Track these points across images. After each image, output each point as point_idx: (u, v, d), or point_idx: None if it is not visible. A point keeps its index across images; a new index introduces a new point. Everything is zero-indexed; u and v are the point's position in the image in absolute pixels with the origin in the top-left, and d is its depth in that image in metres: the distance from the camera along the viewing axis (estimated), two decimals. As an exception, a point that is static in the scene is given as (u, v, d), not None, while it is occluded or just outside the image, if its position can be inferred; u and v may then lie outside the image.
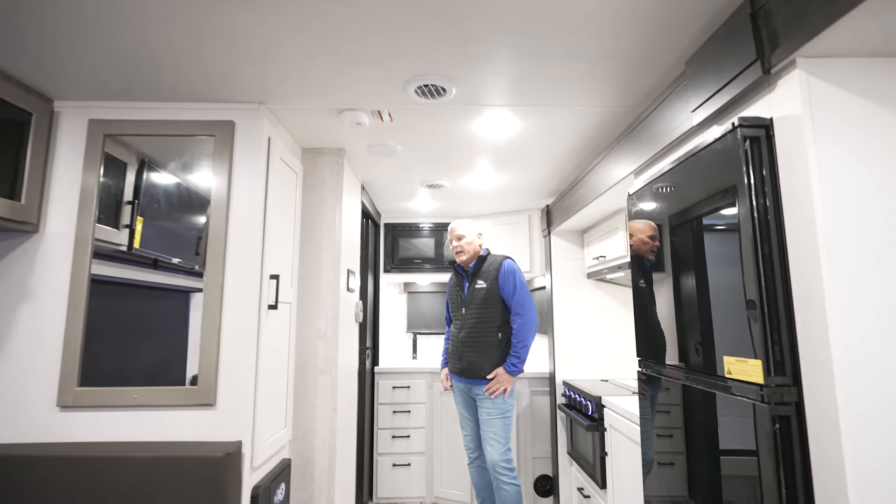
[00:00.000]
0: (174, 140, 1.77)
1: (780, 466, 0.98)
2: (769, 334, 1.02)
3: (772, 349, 1.02)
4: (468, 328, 2.44)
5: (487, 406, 2.37)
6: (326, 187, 2.17)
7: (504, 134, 2.02)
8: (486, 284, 2.43)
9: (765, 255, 1.04)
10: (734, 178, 1.10)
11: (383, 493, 3.23)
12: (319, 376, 2.05)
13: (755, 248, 1.04)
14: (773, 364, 1.01)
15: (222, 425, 1.54)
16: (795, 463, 0.98)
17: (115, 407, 1.55)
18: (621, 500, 2.01)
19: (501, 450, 2.32)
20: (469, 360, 2.41)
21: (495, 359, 2.37)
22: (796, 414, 0.99)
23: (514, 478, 2.32)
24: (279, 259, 1.83)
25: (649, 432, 1.59)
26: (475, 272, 2.48)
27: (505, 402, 2.36)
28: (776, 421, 0.99)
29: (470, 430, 2.52)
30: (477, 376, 2.39)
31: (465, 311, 2.47)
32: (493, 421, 2.35)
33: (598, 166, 2.10)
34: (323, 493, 2.00)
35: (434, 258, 3.62)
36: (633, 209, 1.65)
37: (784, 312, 1.02)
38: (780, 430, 0.99)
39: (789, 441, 0.99)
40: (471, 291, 2.48)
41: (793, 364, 1.01)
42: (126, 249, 1.79)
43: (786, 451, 0.99)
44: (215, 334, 1.58)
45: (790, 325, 1.01)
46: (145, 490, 1.42)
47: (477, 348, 2.40)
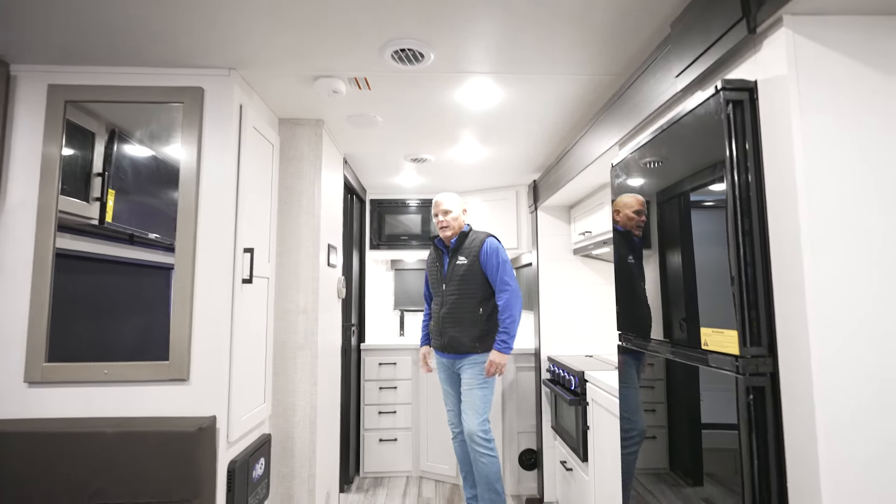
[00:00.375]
0: (143, 109, 1.69)
1: (754, 437, 0.97)
2: (745, 305, 1.00)
3: (748, 320, 0.99)
4: (449, 304, 2.42)
5: (467, 377, 2.39)
6: (305, 159, 2.10)
7: (487, 103, 1.96)
8: (468, 261, 2.41)
9: (744, 228, 1.01)
10: (716, 144, 1.06)
11: (370, 468, 3.26)
12: (299, 352, 2.02)
13: (735, 213, 1.01)
14: (749, 335, 0.99)
15: (196, 400, 1.51)
16: (769, 434, 0.97)
17: (86, 382, 1.51)
18: (602, 472, 2.02)
19: (479, 419, 2.33)
20: (451, 336, 2.41)
21: (477, 333, 2.38)
22: (771, 385, 0.98)
23: (491, 449, 2.32)
24: (254, 232, 1.78)
25: (628, 405, 1.58)
26: (456, 248, 2.46)
27: (483, 375, 2.37)
28: (750, 392, 0.97)
29: (453, 406, 2.52)
30: (459, 351, 2.39)
31: (446, 287, 2.45)
32: (473, 391, 2.36)
33: (583, 139, 2.05)
34: (304, 468, 1.99)
35: (421, 235, 3.58)
36: (617, 180, 1.61)
37: (762, 285, 0.99)
38: (754, 401, 0.97)
39: (763, 412, 0.98)
40: (451, 267, 2.45)
41: (769, 336, 0.99)
42: (98, 223, 1.73)
43: (759, 421, 0.97)
44: (187, 308, 1.54)
45: (768, 298, 0.99)
46: (116, 465, 1.40)
47: (458, 324, 2.40)
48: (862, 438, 0.88)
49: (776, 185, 0.98)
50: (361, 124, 2.18)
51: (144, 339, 1.81)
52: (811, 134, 0.93)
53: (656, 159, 1.35)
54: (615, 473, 1.83)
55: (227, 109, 1.61)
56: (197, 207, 1.57)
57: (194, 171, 1.58)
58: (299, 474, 1.99)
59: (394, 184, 3.38)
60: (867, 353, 0.90)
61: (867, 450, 0.88)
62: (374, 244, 3.60)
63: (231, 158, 1.61)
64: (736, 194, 1.02)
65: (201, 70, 1.62)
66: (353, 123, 2.17)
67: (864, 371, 0.89)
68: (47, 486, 1.38)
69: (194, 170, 1.58)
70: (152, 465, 1.41)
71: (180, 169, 1.59)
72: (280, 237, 2.06)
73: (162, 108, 1.66)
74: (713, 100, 1.07)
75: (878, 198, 0.93)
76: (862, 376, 0.89)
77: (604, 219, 2.35)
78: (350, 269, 3.10)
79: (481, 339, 2.39)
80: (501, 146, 2.52)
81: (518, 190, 3.34)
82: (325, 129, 2.19)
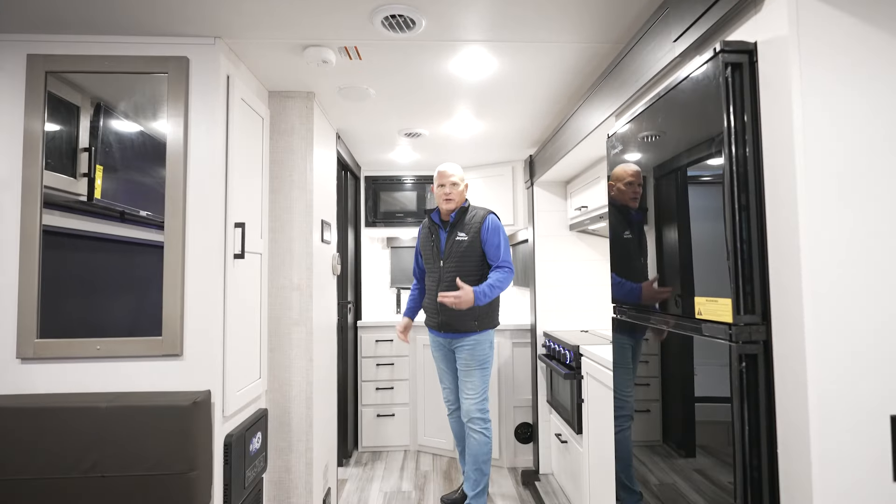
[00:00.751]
0: (128, 80, 1.64)
1: (745, 406, 0.97)
2: (741, 274, 0.98)
3: (742, 288, 0.98)
4: (447, 281, 2.35)
5: (466, 358, 2.36)
6: (296, 133, 2.06)
7: (482, 74, 1.91)
8: (468, 237, 2.34)
9: (741, 195, 0.99)
10: (714, 109, 1.03)
11: (368, 442, 3.30)
12: (294, 328, 2.02)
13: (732, 179, 0.99)
14: (743, 303, 0.98)
15: (190, 375, 1.51)
16: (760, 401, 0.97)
17: (78, 358, 1.50)
18: (597, 444, 2.05)
19: (477, 399, 2.33)
20: (449, 314, 2.35)
21: (477, 312, 2.33)
22: (763, 353, 0.97)
23: (486, 428, 2.32)
24: (245, 207, 1.75)
25: (622, 378, 1.59)
26: (455, 223, 2.39)
27: (484, 354, 2.35)
28: (743, 359, 0.97)
29: (449, 383, 2.52)
30: (458, 330, 2.35)
31: (444, 263, 2.38)
32: (472, 372, 2.34)
33: (580, 110, 2.01)
34: (301, 442, 2.01)
35: (416, 212, 3.55)
36: (613, 152, 1.58)
37: (758, 253, 0.98)
38: (746, 369, 0.97)
39: (755, 380, 0.97)
40: (450, 243, 2.38)
41: (763, 304, 0.98)
42: (86, 200, 1.70)
43: (751, 388, 0.97)
44: (178, 283, 1.52)
45: (762, 267, 0.98)
46: (111, 439, 1.40)
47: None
48: (852, 403, 0.88)
49: (775, 149, 0.95)
50: (353, 97, 2.13)
51: (138, 316, 1.80)
52: (812, 96, 0.90)
53: (653, 128, 1.32)
54: (609, 445, 1.85)
55: (213, 80, 1.57)
56: (185, 181, 1.54)
57: (181, 143, 1.54)
58: (297, 448, 2.00)
59: (388, 160, 3.33)
60: (860, 321, 0.89)
61: (857, 415, 0.87)
62: (369, 222, 3.57)
63: (219, 131, 1.58)
64: (733, 159, 0.99)
65: (186, 39, 1.57)
66: (345, 96, 2.12)
67: (857, 338, 0.88)
68: (43, 460, 1.39)
69: (181, 142, 1.54)
70: (148, 439, 1.42)
71: (167, 141, 1.55)
72: (272, 213, 2.03)
73: (146, 80, 1.61)
74: (711, 63, 1.03)
75: (881, 165, 0.91)
76: (855, 343, 0.88)
77: (600, 193, 2.33)
78: (345, 246, 3.09)
79: (480, 319, 2.35)
80: (497, 120, 2.48)
81: (514, 166, 3.31)
82: (317, 103, 2.14)
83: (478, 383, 2.34)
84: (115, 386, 1.50)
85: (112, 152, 1.76)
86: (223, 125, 1.60)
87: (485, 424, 2.32)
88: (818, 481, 0.86)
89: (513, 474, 2.95)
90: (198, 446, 1.44)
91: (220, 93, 1.58)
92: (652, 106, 1.31)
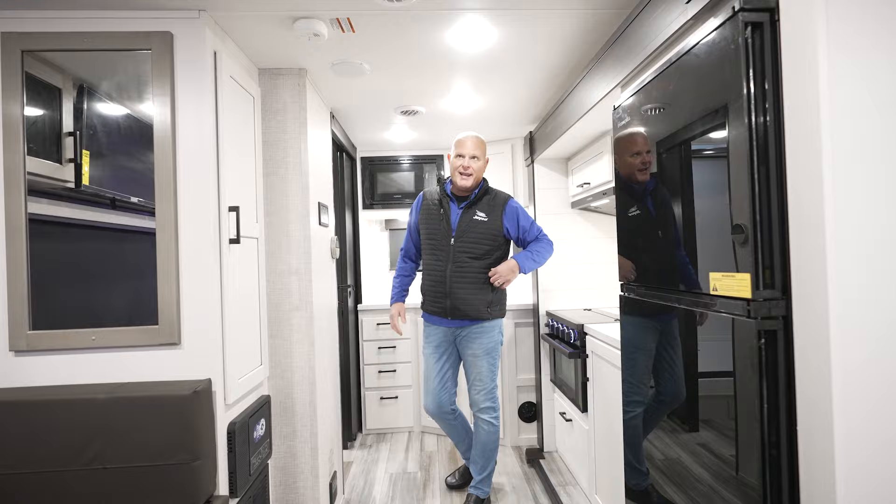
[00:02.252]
0: (110, 59, 1.57)
1: (764, 384, 0.94)
2: (760, 247, 0.94)
3: (762, 263, 0.94)
4: (459, 262, 2.17)
5: (474, 347, 2.22)
6: (288, 112, 1.98)
7: (480, 45, 1.84)
8: (488, 218, 2.18)
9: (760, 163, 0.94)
10: (732, 75, 0.97)
11: (373, 425, 3.31)
12: (294, 313, 1.98)
13: (751, 146, 0.94)
14: (763, 278, 0.94)
15: (189, 364, 1.48)
16: (779, 381, 0.94)
17: (73, 349, 1.46)
18: (602, 422, 2.04)
19: (488, 388, 2.22)
20: (461, 298, 2.16)
21: (490, 298, 2.18)
22: (783, 328, 0.94)
23: (496, 417, 2.24)
24: (239, 191, 1.69)
25: (632, 367, 1.56)
26: (475, 200, 2.21)
27: (493, 341, 2.24)
28: (762, 336, 0.93)
29: (443, 382, 2.28)
30: (469, 316, 2.17)
31: (455, 241, 2.18)
32: (480, 361, 2.22)
33: (583, 83, 1.94)
34: (306, 427, 2.00)
35: (415, 193, 3.48)
36: (619, 124, 1.52)
37: (778, 226, 0.94)
38: (765, 346, 0.94)
39: (774, 357, 0.94)
40: (465, 221, 2.19)
41: (783, 278, 0.94)
42: (74, 187, 1.64)
43: (770, 367, 0.94)
44: (173, 271, 1.48)
45: (783, 240, 0.93)
46: (111, 429, 1.37)
47: (470, 284, 2.16)
48: (878, 380, 0.84)
49: (798, 116, 0.90)
50: (347, 73, 2.05)
51: (133, 305, 1.76)
52: (840, 56, 0.84)
53: (663, 97, 1.26)
54: (615, 422, 1.84)
55: (199, 56, 1.49)
56: (175, 164, 1.48)
57: (169, 124, 1.47)
58: (301, 433, 1.99)
59: (384, 140, 3.26)
60: (888, 295, 0.85)
61: (883, 392, 0.84)
62: (366, 204, 3.51)
63: (208, 111, 1.51)
64: (753, 128, 0.94)
65: (168, 12, 1.49)
66: (339, 72, 2.04)
67: (884, 313, 0.85)
68: (42, 452, 1.36)
69: (169, 123, 1.47)
70: (149, 430, 1.39)
71: (154, 123, 1.48)
72: (267, 196, 1.98)
73: (129, 58, 1.54)
74: (729, 24, 0.97)
75: (906, 127, 0.86)
76: (881, 318, 0.85)
77: (603, 168, 2.27)
78: (343, 229, 3.03)
79: (493, 305, 2.21)
80: (496, 94, 2.40)
81: (514, 143, 3.24)
82: (309, 80, 2.06)
83: (486, 372, 2.21)
84: (113, 377, 1.47)
85: (98, 136, 1.69)
86: (212, 104, 1.53)
87: (494, 413, 2.24)
88: (841, 459, 0.83)
89: (517, 452, 2.97)
90: (200, 435, 1.42)
91: (207, 70, 1.51)
92: (662, 74, 1.25)
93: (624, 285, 1.57)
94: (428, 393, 2.31)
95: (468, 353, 2.24)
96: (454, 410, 2.33)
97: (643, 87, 1.36)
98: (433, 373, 2.29)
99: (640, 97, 1.39)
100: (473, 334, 2.23)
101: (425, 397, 2.33)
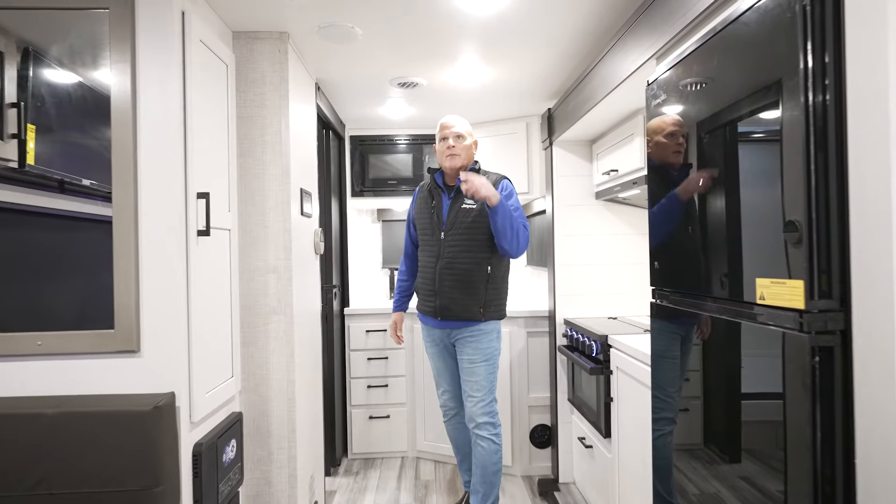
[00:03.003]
0: (61, 18, 1.58)
1: (817, 408, 0.95)
2: (816, 251, 0.95)
3: (817, 268, 0.95)
4: (450, 257, 2.26)
5: (469, 352, 2.30)
6: (267, 83, 1.99)
7: (492, 7, 1.85)
8: (477, 205, 2.24)
9: (818, 156, 0.95)
10: (786, 48, 0.98)
11: (360, 448, 3.33)
12: (272, 317, 2.00)
13: (808, 137, 0.95)
14: (818, 285, 0.95)
15: (149, 375, 1.49)
16: (835, 405, 0.95)
17: (16, 356, 1.48)
18: (627, 449, 2.05)
19: (486, 400, 2.29)
20: (450, 298, 2.26)
21: (484, 297, 2.27)
22: (841, 345, 0.94)
23: (495, 434, 2.29)
24: (209, 174, 1.70)
25: (661, 377, 1.57)
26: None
27: (490, 346, 2.30)
28: (816, 353, 0.94)
29: (448, 385, 2.46)
30: (460, 318, 2.28)
31: (445, 235, 2.28)
32: (476, 369, 2.29)
33: (611, 52, 1.94)
34: (283, 450, 2.01)
35: (413, 178, 3.49)
36: (653, 102, 1.53)
37: (836, 228, 0.94)
38: (820, 364, 0.94)
39: (830, 378, 0.95)
40: (455, 211, 2.28)
41: (841, 287, 0.95)
42: (17, 167, 1.65)
43: (824, 389, 0.95)
44: (132, 266, 1.49)
45: (842, 244, 0.94)
46: (60, 450, 1.39)
47: (461, 283, 2.25)
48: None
49: (863, 96, 0.90)
50: (336, 38, 2.06)
51: (86, 305, 1.78)
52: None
53: (705, 71, 1.27)
54: (643, 450, 1.85)
55: (165, 17, 1.50)
56: (136, 142, 1.49)
57: (129, 95, 1.48)
58: (277, 457, 2.01)
59: (378, 116, 3.26)
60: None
61: (955, 418, 0.85)
62: (356, 191, 3.52)
63: (175, 80, 1.52)
64: (810, 110, 0.95)
65: (130, -35, 1.49)
66: (326, 37, 2.05)
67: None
68: (-21, 475, 1.38)
69: (129, 94, 1.48)
70: (103, 450, 1.41)
71: (111, 94, 1.49)
72: (242, 181, 1.99)
73: (84, 18, 1.55)
74: (785, -12, 0.97)
75: None
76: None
77: (634, 153, 2.28)
78: (329, 220, 3.04)
79: (487, 306, 2.27)
80: (509, 65, 2.41)
81: (529, 122, 3.24)
82: (292, 45, 2.07)
83: (483, 381, 2.28)
84: (62, 388, 1.48)
85: (46, 108, 1.70)
86: (179, 73, 1.54)
87: (494, 430, 2.30)
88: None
89: (528, 483, 2.98)
90: (162, 458, 1.43)
91: (173, 33, 1.51)
92: (705, 45, 1.26)
93: (656, 290, 1.58)
94: (443, 389, 2.47)
95: (464, 358, 2.32)
96: (459, 413, 2.47)
97: (682, 60, 1.37)
98: (442, 367, 2.44)
99: (679, 71, 1.39)
100: (468, 338, 2.30)
101: (442, 395, 2.49)
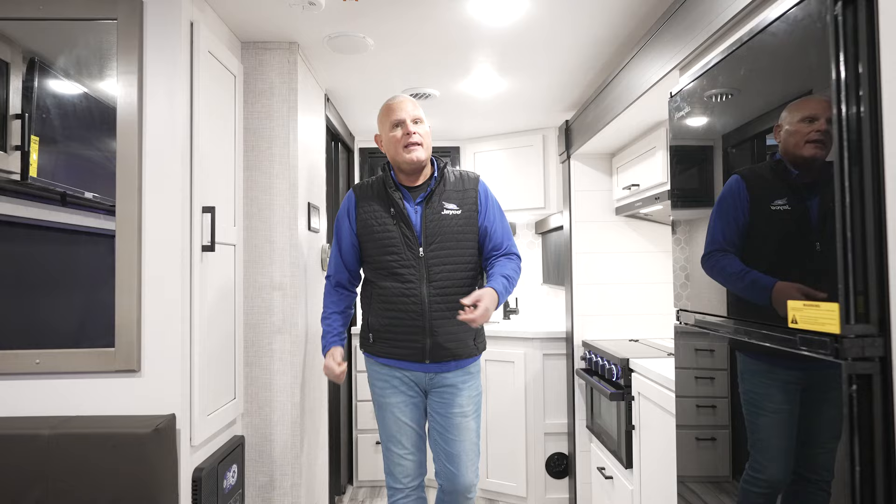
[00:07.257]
0: (69, 29, 1.63)
1: (856, 441, 0.93)
2: (850, 272, 0.94)
3: (853, 290, 0.94)
4: (439, 279, 1.82)
5: (462, 402, 1.87)
6: (276, 94, 2.03)
7: (508, 17, 1.87)
8: (462, 211, 1.86)
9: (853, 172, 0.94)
10: (817, 58, 0.98)
11: (366, 476, 3.31)
12: (276, 336, 2.01)
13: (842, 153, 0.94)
14: (854, 308, 0.93)
15: (150, 395, 1.51)
16: (875, 437, 0.93)
17: (13, 375, 1.50)
18: (650, 481, 2.02)
19: (476, 463, 1.92)
20: (448, 333, 1.82)
21: (472, 328, 1.83)
22: (881, 373, 0.93)
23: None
24: (215, 188, 1.74)
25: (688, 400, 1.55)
26: (435, 189, 1.87)
27: (479, 389, 1.95)
28: (853, 381, 0.93)
29: (413, 445, 1.90)
30: (457, 356, 1.85)
31: (426, 251, 1.83)
32: (469, 423, 1.88)
33: (632, 63, 1.96)
34: (286, 476, 2.01)
35: (424, 192, 3.51)
36: (677, 115, 1.53)
37: (874, 247, 0.94)
38: (857, 393, 0.93)
39: (869, 408, 0.93)
40: (433, 219, 1.84)
41: (880, 310, 0.94)
42: (20, 179, 1.69)
43: (863, 421, 0.93)
44: (134, 283, 1.51)
45: (880, 262, 0.93)
46: (56, 472, 1.40)
47: (455, 312, 1.75)
48: None
49: (898, 110, 0.90)
50: (347, 49, 2.10)
51: (86, 322, 1.80)
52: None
53: (732, 83, 1.27)
54: (666, 482, 1.82)
55: (173, 28, 1.54)
56: (141, 155, 1.52)
57: (135, 107, 1.52)
58: (280, 484, 2.00)
59: (389, 128, 3.30)
60: None
61: None
62: (365, 205, 3.54)
63: (182, 92, 1.55)
64: (843, 122, 0.94)
65: (139, -24, 1.54)
66: (337, 48, 2.09)
67: None
68: (-27, 498, 1.39)
69: (135, 106, 1.52)
70: (100, 473, 1.42)
71: (118, 105, 1.53)
72: (248, 194, 2.01)
73: (91, 28, 1.60)
74: (816, -3, 0.98)
75: None
76: None
77: (656, 167, 2.28)
78: (337, 235, 3.07)
79: (479, 335, 1.94)
80: (525, 76, 2.44)
81: (545, 134, 3.26)
82: (301, 56, 2.11)
83: (475, 440, 1.91)
84: (60, 409, 1.50)
85: (50, 120, 1.74)
86: (186, 85, 1.57)
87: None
88: (954, 538, 0.82)
89: (544, 516, 2.94)
90: (161, 483, 1.44)
91: (182, 44, 1.55)
92: (731, 55, 1.27)
93: (680, 312, 1.56)
94: (405, 451, 1.89)
95: (454, 411, 1.86)
96: (420, 485, 1.96)
97: (707, 71, 1.37)
98: (410, 421, 1.90)
99: (704, 82, 1.39)
100: (459, 383, 1.88)
101: (398, 463, 1.89)
